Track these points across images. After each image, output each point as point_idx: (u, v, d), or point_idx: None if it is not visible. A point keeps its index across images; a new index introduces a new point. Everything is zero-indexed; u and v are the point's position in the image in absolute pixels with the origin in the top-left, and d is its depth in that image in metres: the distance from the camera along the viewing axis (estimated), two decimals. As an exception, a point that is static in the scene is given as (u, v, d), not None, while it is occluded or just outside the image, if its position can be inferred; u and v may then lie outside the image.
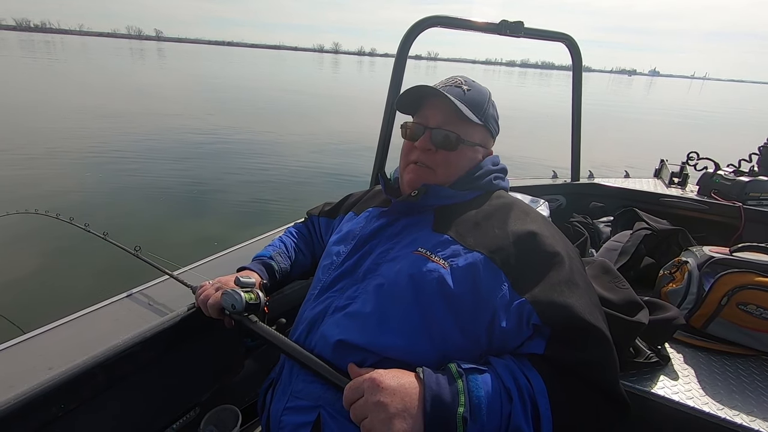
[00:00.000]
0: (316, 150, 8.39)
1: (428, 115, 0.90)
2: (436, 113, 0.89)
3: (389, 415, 0.61)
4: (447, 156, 0.89)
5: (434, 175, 0.89)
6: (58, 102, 12.27)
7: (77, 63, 31.86)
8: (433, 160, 0.89)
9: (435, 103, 0.90)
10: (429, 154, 0.89)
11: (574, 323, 0.68)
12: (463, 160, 0.90)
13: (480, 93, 0.92)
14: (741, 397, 1.01)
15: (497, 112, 0.97)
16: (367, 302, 0.79)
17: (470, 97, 0.89)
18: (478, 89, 0.92)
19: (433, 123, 0.89)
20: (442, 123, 0.88)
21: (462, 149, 0.89)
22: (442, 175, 0.89)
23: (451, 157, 0.89)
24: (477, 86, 0.93)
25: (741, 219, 1.87)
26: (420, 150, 0.89)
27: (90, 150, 7.11)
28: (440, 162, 0.89)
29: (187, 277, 1.18)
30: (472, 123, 0.88)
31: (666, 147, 10.76)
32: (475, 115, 0.88)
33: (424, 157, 0.89)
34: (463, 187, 0.90)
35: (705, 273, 1.23)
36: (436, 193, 0.87)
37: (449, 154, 0.89)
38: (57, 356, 0.87)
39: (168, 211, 4.92)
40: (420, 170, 0.90)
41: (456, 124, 0.88)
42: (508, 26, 1.64)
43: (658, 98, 43.02)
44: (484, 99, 0.91)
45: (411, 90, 0.90)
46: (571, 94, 2.11)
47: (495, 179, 0.93)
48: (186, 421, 1.10)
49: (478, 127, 0.91)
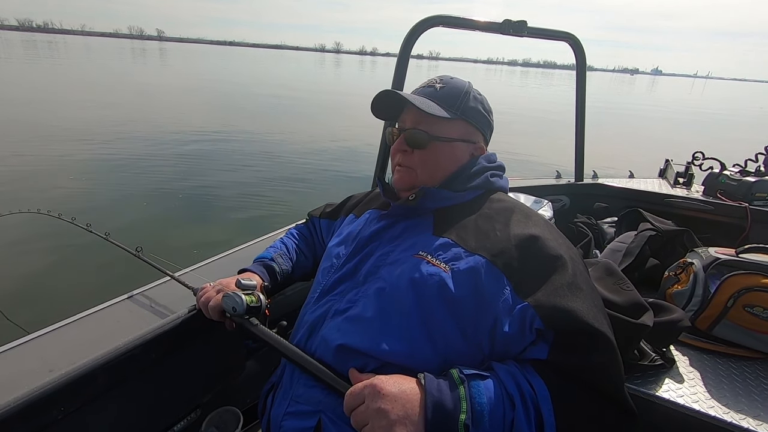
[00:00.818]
0: (318, 151, 8.39)
1: (404, 119, 0.93)
2: (409, 115, 0.91)
3: (390, 421, 0.61)
4: (422, 155, 0.90)
5: (415, 175, 0.90)
6: (60, 102, 12.30)
7: (80, 63, 31.98)
8: (411, 161, 0.90)
9: (408, 107, 0.91)
10: (407, 156, 0.91)
11: (578, 327, 0.67)
12: (441, 156, 0.90)
13: (455, 88, 0.92)
14: (747, 400, 0.99)
15: (485, 104, 0.95)
16: (368, 306, 0.78)
17: (443, 93, 0.90)
18: (454, 84, 0.92)
19: (408, 124, 0.91)
20: (415, 123, 0.90)
21: (435, 146, 0.89)
22: (423, 175, 0.90)
23: (426, 156, 0.90)
24: (454, 82, 0.93)
25: (747, 220, 1.85)
26: (399, 152, 0.92)
27: (93, 150, 7.13)
28: (417, 162, 0.90)
29: (189, 278, 1.17)
30: (445, 119, 0.88)
31: (670, 147, 10.71)
32: (446, 110, 0.88)
33: (404, 159, 0.91)
34: (458, 187, 0.89)
35: (711, 274, 1.22)
36: (433, 196, 0.87)
37: (423, 153, 0.89)
38: (58, 358, 0.87)
39: (170, 211, 4.92)
40: (402, 172, 0.92)
41: (428, 123, 0.89)
42: (512, 26, 1.64)
43: (661, 97, 42.82)
44: (458, 93, 0.91)
45: (379, 96, 0.93)
46: (574, 94, 2.10)
47: (492, 177, 0.92)
48: (187, 423, 1.09)
49: (453, 122, 0.90)
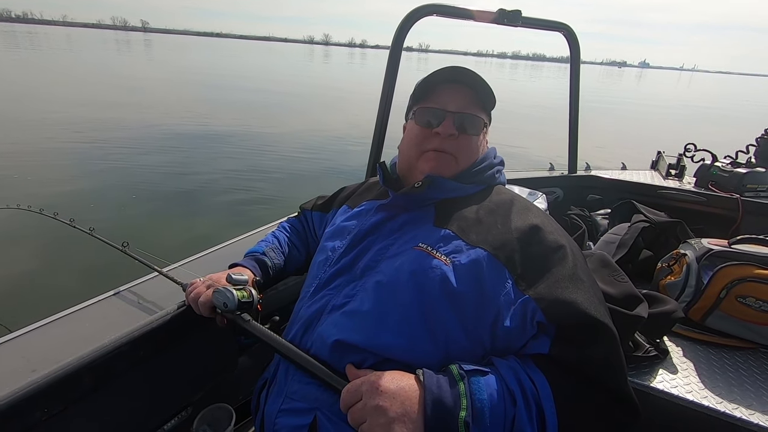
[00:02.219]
0: (308, 143, 8.30)
1: (447, 101, 0.87)
2: (457, 97, 0.86)
3: (389, 419, 0.59)
4: (470, 141, 0.87)
5: (456, 162, 0.86)
6: (42, 95, 11.99)
7: (62, 55, 31.18)
8: (457, 147, 0.85)
9: (454, 87, 0.87)
10: (451, 140, 0.85)
11: (580, 320, 0.66)
12: (481, 146, 0.91)
13: (479, 77, 0.89)
14: (740, 390, 1.00)
15: None
16: (366, 300, 0.76)
17: (483, 84, 0.88)
18: (476, 75, 0.90)
19: (453, 107, 0.86)
20: (463, 107, 0.86)
21: (483, 134, 0.91)
22: (464, 162, 0.87)
23: (473, 143, 0.88)
24: (472, 72, 0.90)
25: (739, 211, 1.87)
26: (442, 136, 0.85)
27: (75, 143, 6.97)
28: (463, 147, 0.86)
29: (178, 273, 1.14)
30: (486, 110, 0.89)
31: (661, 138, 10.81)
32: (490, 101, 0.89)
33: (447, 144, 0.85)
34: (467, 180, 0.87)
35: (704, 266, 1.23)
36: (440, 186, 0.85)
37: (472, 140, 0.87)
38: (41, 358, 0.84)
39: (157, 206, 4.83)
40: (441, 158, 0.86)
41: (476, 109, 0.87)
42: (506, 15, 1.61)
43: (650, 89, 43.27)
44: (485, 83, 0.89)
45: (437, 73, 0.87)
46: (568, 86, 2.09)
47: (497, 173, 0.93)
48: (179, 421, 1.07)
49: (487, 115, 0.92)
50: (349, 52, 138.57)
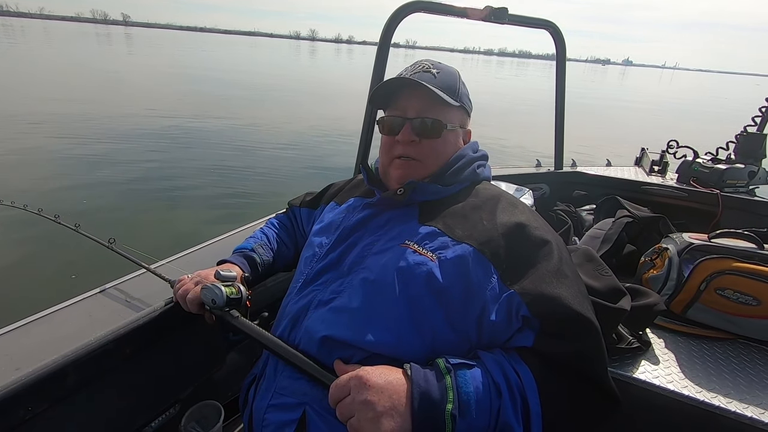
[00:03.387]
0: (296, 140, 8.24)
1: (405, 106, 0.87)
2: (414, 102, 0.86)
3: (377, 413, 0.60)
4: (433, 144, 0.86)
5: (424, 167, 0.87)
6: (22, 90, 11.70)
7: (40, 49, 30.38)
8: (420, 152, 0.86)
9: (410, 93, 0.87)
10: (413, 146, 0.86)
11: (564, 314, 0.68)
12: (447, 146, 0.89)
13: (450, 74, 0.90)
14: (719, 380, 1.03)
15: (467, 89, 0.95)
16: (354, 297, 0.76)
17: (442, 79, 0.87)
18: (448, 71, 0.91)
19: (412, 113, 0.86)
20: (421, 111, 0.86)
21: (446, 135, 0.87)
22: (432, 165, 0.87)
23: (437, 145, 0.87)
24: (445, 68, 0.92)
25: (719, 206, 1.92)
26: (403, 143, 0.86)
27: (59, 139, 6.82)
28: (427, 152, 0.86)
29: (165, 270, 1.13)
30: (449, 106, 0.86)
31: (646, 135, 10.97)
32: (450, 97, 0.86)
33: (410, 150, 0.86)
34: (448, 182, 0.87)
35: (685, 259, 1.25)
36: (422, 190, 0.85)
37: (434, 143, 0.86)
38: (25, 356, 0.83)
39: (145, 202, 4.76)
40: (408, 164, 0.87)
41: (435, 110, 0.86)
42: (493, 12, 1.62)
43: (634, 87, 43.75)
44: (455, 79, 0.90)
45: (388, 83, 0.88)
46: (554, 82, 2.11)
47: (478, 168, 0.92)
48: (166, 419, 1.07)
49: (455, 109, 0.89)
50: (335, 48, 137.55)
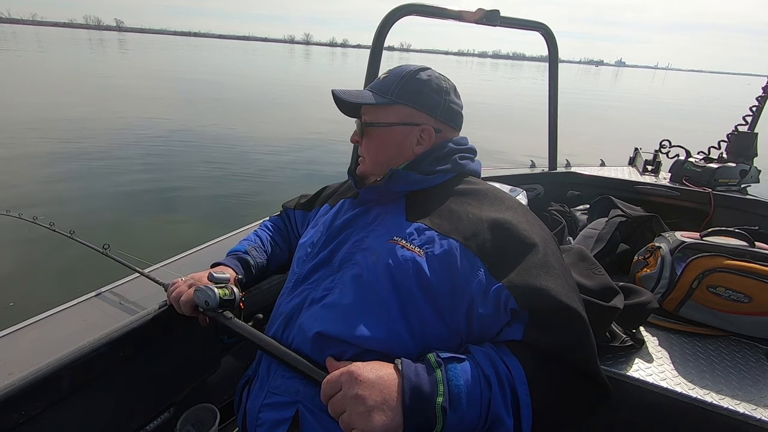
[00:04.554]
0: (291, 143, 8.26)
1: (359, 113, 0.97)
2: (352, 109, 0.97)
3: (368, 408, 0.60)
4: (366, 143, 0.94)
5: (366, 164, 0.95)
6: (15, 96, 11.67)
7: (33, 55, 30.28)
8: (363, 150, 0.95)
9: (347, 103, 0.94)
10: (360, 146, 0.96)
11: (551, 305, 0.68)
12: (380, 142, 0.92)
13: (395, 74, 0.92)
14: (711, 376, 1.04)
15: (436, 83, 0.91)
16: (345, 293, 0.77)
17: (383, 82, 0.93)
18: (396, 71, 0.93)
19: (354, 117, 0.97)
20: (362, 115, 0.95)
21: (373, 132, 0.93)
22: (369, 161, 0.95)
23: (368, 144, 0.94)
24: (398, 69, 0.94)
25: (711, 204, 1.93)
26: (356, 143, 0.98)
27: (53, 146, 6.80)
28: (364, 150, 0.95)
29: (159, 274, 1.13)
30: (380, 105, 0.90)
31: (639, 135, 11.03)
32: (380, 96, 0.90)
33: (359, 149, 0.97)
34: (426, 170, 0.88)
35: (677, 258, 1.27)
36: (401, 178, 0.86)
37: (366, 141, 0.94)
38: (19, 360, 0.83)
39: (138, 208, 4.76)
40: (360, 161, 0.97)
41: (369, 113, 0.94)
42: (485, 15, 1.64)
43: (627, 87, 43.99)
44: (396, 78, 0.91)
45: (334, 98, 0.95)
46: (547, 84, 2.13)
47: (462, 159, 0.92)
48: (161, 422, 1.06)
49: (390, 107, 0.90)
50: (330, 52, 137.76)
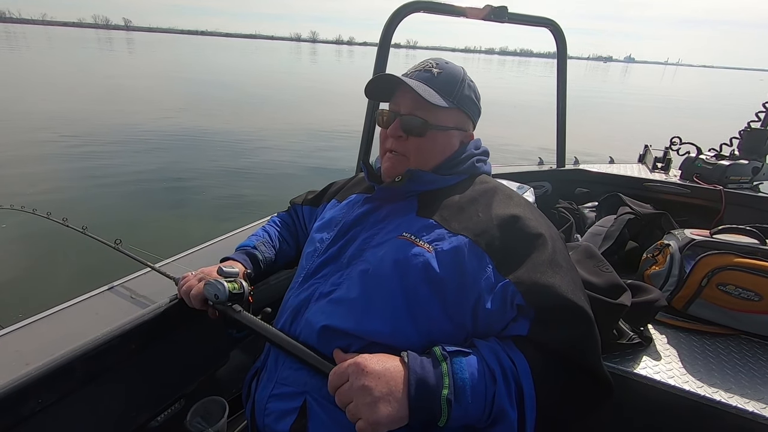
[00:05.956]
0: (298, 140, 8.29)
1: (399, 102, 0.89)
2: (406, 100, 0.87)
3: (374, 398, 0.61)
4: (418, 142, 0.87)
5: (407, 162, 0.88)
6: (25, 95, 11.83)
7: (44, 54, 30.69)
8: (405, 148, 0.88)
9: (404, 90, 0.88)
10: (401, 142, 0.88)
11: (557, 303, 0.69)
12: (436, 145, 0.88)
13: (452, 75, 0.89)
14: (720, 375, 1.03)
15: (476, 91, 0.93)
16: (352, 288, 0.78)
17: (441, 80, 0.87)
18: (450, 71, 0.89)
19: (404, 110, 0.87)
20: (413, 109, 0.86)
21: (432, 134, 0.87)
22: (415, 162, 0.88)
23: (422, 144, 0.87)
24: (450, 67, 0.90)
25: (722, 202, 1.91)
26: (393, 138, 0.88)
27: (67, 144, 6.90)
28: (412, 149, 0.87)
29: (170, 269, 1.15)
30: (441, 107, 0.85)
31: (649, 132, 10.89)
32: (444, 98, 0.85)
33: (397, 145, 0.88)
34: (445, 171, 0.89)
35: (686, 255, 1.25)
36: (419, 179, 0.86)
37: (420, 141, 0.87)
38: (34, 352, 0.85)
39: (150, 204, 4.83)
40: (395, 159, 0.89)
41: (426, 110, 0.86)
42: (493, 11, 1.63)
43: (636, 84, 43.43)
44: (456, 80, 0.89)
45: (376, 79, 0.89)
46: (555, 80, 2.11)
47: (477, 162, 0.93)
48: (171, 413, 1.08)
49: (450, 111, 0.88)
50: (336, 50, 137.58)
